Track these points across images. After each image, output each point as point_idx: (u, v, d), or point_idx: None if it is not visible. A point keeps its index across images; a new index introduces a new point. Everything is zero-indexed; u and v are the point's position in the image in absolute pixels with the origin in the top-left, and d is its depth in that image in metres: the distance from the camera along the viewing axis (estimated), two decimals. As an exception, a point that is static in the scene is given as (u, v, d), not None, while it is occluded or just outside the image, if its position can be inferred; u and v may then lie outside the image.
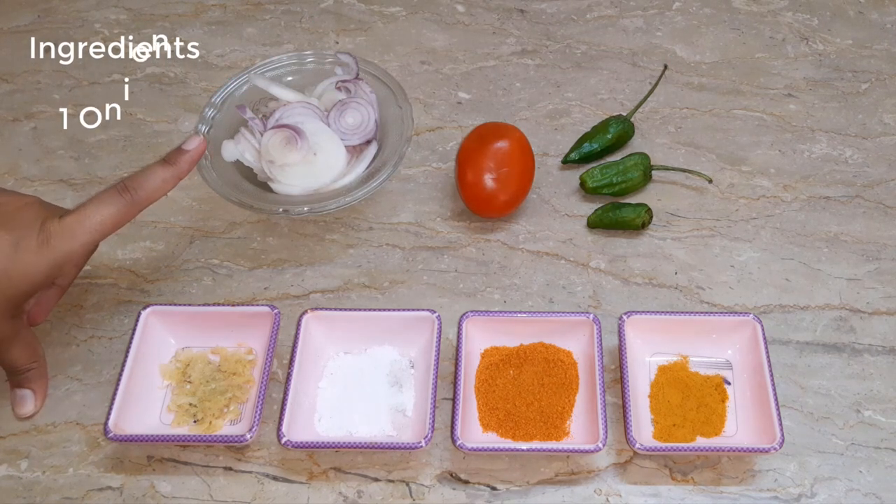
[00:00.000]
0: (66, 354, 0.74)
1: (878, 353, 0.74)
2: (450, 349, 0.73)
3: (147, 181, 0.65)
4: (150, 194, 0.65)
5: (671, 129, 0.90)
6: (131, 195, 0.64)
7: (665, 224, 0.83)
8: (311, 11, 1.03)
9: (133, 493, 0.67)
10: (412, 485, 0.67)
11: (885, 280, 0.78)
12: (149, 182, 0.65)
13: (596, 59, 0.97)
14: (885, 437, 0.69)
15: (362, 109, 0.82)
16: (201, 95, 0.94)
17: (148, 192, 0.65)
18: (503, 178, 0.79)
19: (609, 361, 0.72)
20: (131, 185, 0.64)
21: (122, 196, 0.64)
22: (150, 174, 0.66)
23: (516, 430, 0.68)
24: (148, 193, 0.65)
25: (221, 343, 0.73)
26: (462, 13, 1.02)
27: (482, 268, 0.80)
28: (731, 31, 1.00)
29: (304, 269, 0.80)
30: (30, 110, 0.93)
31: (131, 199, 0.64)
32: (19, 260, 0.61)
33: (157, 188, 0.66)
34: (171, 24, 1.02)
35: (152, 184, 0.65)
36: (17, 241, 0.61)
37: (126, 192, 0.64)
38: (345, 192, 0.78)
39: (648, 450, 0.65)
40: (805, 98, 0.93)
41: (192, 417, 0.69)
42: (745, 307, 0.77)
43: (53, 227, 0.63)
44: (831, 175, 0.86)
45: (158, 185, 0.66)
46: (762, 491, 0.66)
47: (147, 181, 0.65)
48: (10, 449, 0.69)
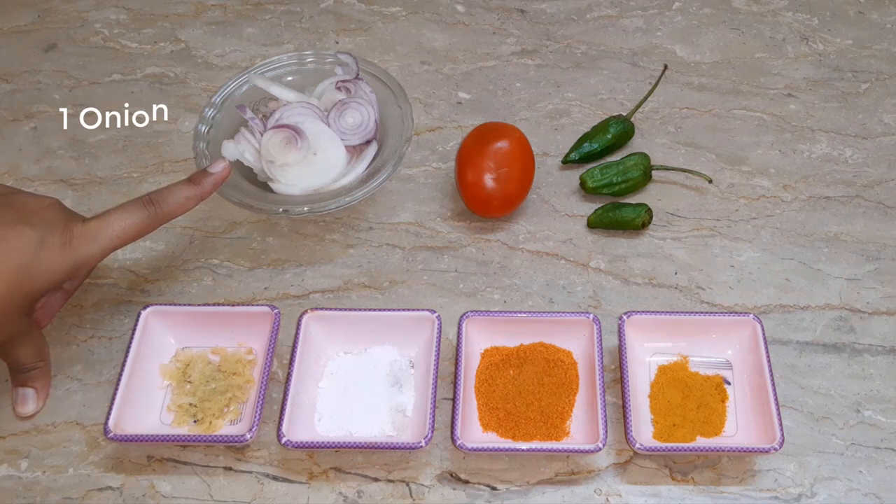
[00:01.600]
0: (66, 354, 0.74)
1: (878, 353, 0.74)
2: (450, 349, 0.73)
3: (171, 197, 0.68)
4: (173, 209, 0.68)
5: (671, 129, 0.90)
6: (155, 208, 0.67)
7: (665, 224, 0.83)
8: (311, 11, 1.03)
9: (133, 493, 0.67)
10: (412, 485, 0.67)
11: (885, 280, 0.78)
12: (173, 198, 0.68)
13: (596, 59, 0.97)
14: (885, 437, 0.69)
15: (362, 109, 0.82)
16: (201, 95, 0.94)
17: (171, 206, 0.67)
18: (503, 178, 0.79)
19: (609, 361, 0.72)
20: (156, 199, 0.67)
21: (146, 208, 0.66)
22: (174, 191, 0.68)
23: (516, 430, 0.68)
24: (171, 208, 0.67)
25: (221, 343, 0.73)
26: (462, 13, 1.02)
27: (482, 268, 0.80)
28: (731, 31, 1.00)
29: (304, 269, 0.80)
30: (30, 110, 0.93)
31: (154, 213, 0.67)
32: (43, 257, 0.62)
33: (180, 204, 0.68)
34: (171, 24, 1.02)
35: (175, 200, 0.68)
36: (42, 238, 0.62)
37: (150, 205, 0.66)
38: (345, 192, 0.78)
39: (648, 450, 0.65)
40: (805, 98, 0.93)
41: (192, 417, 0.69)
42: (745, 307, 0.77)
43: (77, 229, 0.64)
44: (831, 175, 0.86)
45: (181, 202, 0.68)
46: (762, 491, 0.66)
47: (171, 197, 0.68)
48: (10, 449, 0.69)
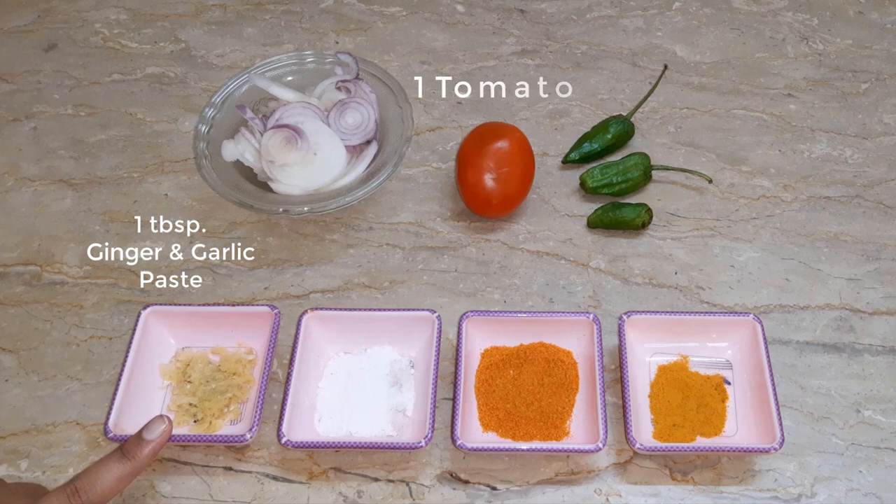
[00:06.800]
0: (66, 354, 0.74)
1: (878, 353, 0.74)
2: (450, 349, 0.73)
3: (99, 481, 0.56)
4: (102, 496, 0.56)
5: (671, 129, 0.90)
6: (80, 499, 0.55)
7: (665, 224, 0.83)
8: (311, 11, 1.03)
9: (133, 493, 0.67)
10: (412, 485, 0.67)
11: (885, 280, 0.78)
12: (101, 482, 0.56)
13: (596, 59, 0.97)
14: (885, 437, 0.69)
15: (362, 109, 0.82)
16: (201, 95, 0.94)
17: (98, 494, 0.56)
18: (503, 178, 0.79)
19: (609, 361, 0.72)
20: (81, 487, 0.56)
21: (69, 501, 0.55)
22: (103, 472, 0.56)
23: (516, 430, 0.68)
24: (98, 496, 0.56)
25: (221, 343, 0.73)
26: (462, 13, 1.02)
27: (482, 268, 0.80)
28: (731, 31, 1.00)
29: (304, 269, 0.80)
30: (30, 110, 0.93)
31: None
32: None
33: (111, 488, 0.56)
34: (171, 24, 1.02)
35: (105, 484, 0.56)
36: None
37: (75, 496, 0.55)
38: (345, 192, 0.78)
39: (648, 450, 0.65)
40: (805, 98, 0.93)
41: (192, 417, 0.69)
42: (745, 307, 0.77)
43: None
44: (831, 175, 0.86)
45: (112, 484, 0.56)
46: (762, 491, 0.66)
47: (99, 481, 0.56)
48: (10, 449, 0.69)
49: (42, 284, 0.79)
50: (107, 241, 0.81)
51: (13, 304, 0.78)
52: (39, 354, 0.74)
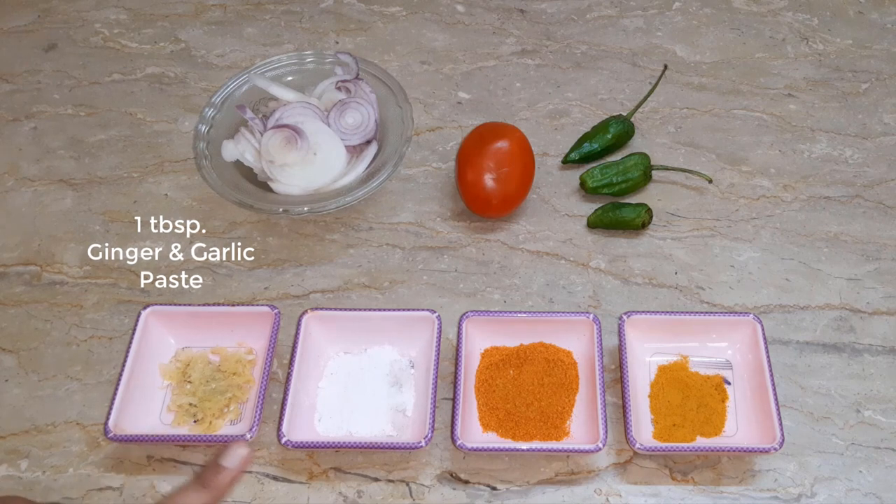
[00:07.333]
0: (66, 354, 0.74)
1: (878, 353, 0.74)
2: (450, 349, 0.73)
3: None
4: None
5: (671, 129, 0.90)
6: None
7: (665, 224, 0.83)
8: (311, 11, 1.03)
9: (133, 493, 0.67)
10: (412, 485, 0.67)
11: (885, 280, 0.78)
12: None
13: (596, 59, 0.97)
14: (885, 437, 0.69)
15: (362, 109, 0.82)
16: (201, 95, 0.94)
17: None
18: (503, 178, 0.79)
19: (609, 361, 0.72)
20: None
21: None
22: (182, 500, 0.50)
23: (516, 430, 0.68)
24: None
25: (221, 343, 0.73)
26: (462, 13, 1.02)
27: (482, 268, 0.80)
28: (731, 31, 1.00)
29: (304, 269, 0.80)
30: (30, 110, 0.93)
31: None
32: None
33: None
34: (171, 24, 1.02)
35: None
36: None
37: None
38: (345, 192, 0.78)
39: (648, 450, 0.65)
40: (805, 98, 0.93)
41: (192, 417, 0.69)
42: (745, 307, 0.77)
43: None
44: (831, 175, 0.86)
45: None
46: (762, 491, 0.66)
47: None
48: (10, 449, 0.69)
49: (42, 284, 0.79)
50: (107, 241, 0.81)
51: (13, 304, 0.78)
52: (39, 354, 0.74)
